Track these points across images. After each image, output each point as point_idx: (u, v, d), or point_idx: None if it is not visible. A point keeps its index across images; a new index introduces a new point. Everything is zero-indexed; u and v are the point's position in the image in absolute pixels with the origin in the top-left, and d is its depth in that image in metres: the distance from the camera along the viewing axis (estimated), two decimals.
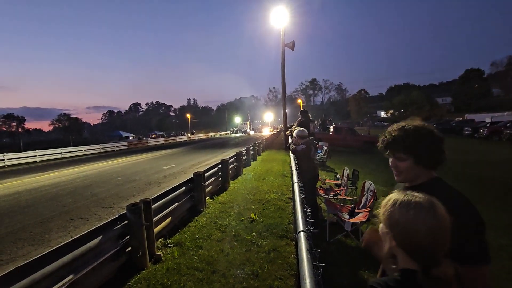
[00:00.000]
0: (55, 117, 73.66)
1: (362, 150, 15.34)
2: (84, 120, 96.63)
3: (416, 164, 1.13)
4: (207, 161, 12.98)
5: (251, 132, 58.13)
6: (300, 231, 1.42)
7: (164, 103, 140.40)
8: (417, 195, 0.84)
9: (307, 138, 4.47)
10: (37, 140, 53.73)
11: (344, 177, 6.20)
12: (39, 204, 6.45)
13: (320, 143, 12.00)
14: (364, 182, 4.40)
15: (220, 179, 6.97)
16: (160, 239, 3.92)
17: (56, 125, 73.24)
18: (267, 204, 5.42)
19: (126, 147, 27.95)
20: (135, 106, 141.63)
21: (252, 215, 4.78)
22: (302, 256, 1.14)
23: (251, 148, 12.34)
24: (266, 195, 6.12)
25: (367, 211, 3.82)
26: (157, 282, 2.91)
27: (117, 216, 3.10)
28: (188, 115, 78.22)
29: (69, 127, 69.22)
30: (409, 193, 0.87)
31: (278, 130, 44.28)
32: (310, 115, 9.20)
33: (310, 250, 1.22)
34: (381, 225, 0.91)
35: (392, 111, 61.30)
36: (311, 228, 1.64)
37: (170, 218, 4.26)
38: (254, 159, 12.53)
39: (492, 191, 6.31)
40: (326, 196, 5.21)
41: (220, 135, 58.42)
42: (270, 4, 17.01)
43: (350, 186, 5.89)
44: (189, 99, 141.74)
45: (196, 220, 4.71)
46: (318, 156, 10.32)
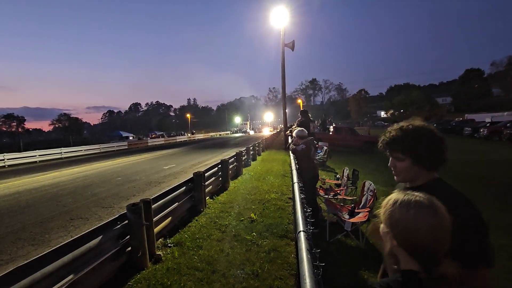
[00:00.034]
0: (55, 117, 73.71)
1: (362, 150, 15.34)
2: (84, 120, 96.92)
3: (415, 164, 1.12)
4: (207, 161, 12.98)
5: (251, 132, 58.11)
6: (300, 231, 1.42)
7: (164, 103, 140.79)
8: (417, 195, 0.84)
9: (307, 138, 4.48)
10: (37, 140, 53.78)
11: (344, 177, 6.20)
12: (39, 204, 6.45)
13: (320, 143, 12.00)
14: (364, 182, 4.40)
15: (220, 179, 6.97)
16: (160, 239, 3.93)
17: (56, 125, 73.23)
18: (267, 204, 5.42)
19: (126, 147, 27.96)
20: (135, 106, 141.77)
21: (252, 215, 4.78)
22: (302, 256, 1.14)
23: (251, 148, 12.34)
24: (266, 195, 6.12)
25: (367, 211, 3.82)
26: (157, 282, 2.91)
27: (117, 216, 3.11)
28: (188, 115, 78.20)
29: (69, 127, 69.22)
30: (409, 192, 0.87)
31: (278, 130, 44.27)
32: (310, 115, 9.20)
33: (310, 250, 1.22)
34: (382, 225, 0.91)
35: (392, 111, 61.36)
36: (311, 228, 1.64)
37: (170, 218, 4.26)
38: (254, 159, 12.52)
39: (492, 191, 6.31)
40: (326, 196, 5.21)
41: (220, 135, 58.42)
42: (270, 4, 17.05)
43: (350, 186, 5.90)
44: (189, 99, 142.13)
45: (196, 220, 4.71)
46: (318, 156, 10.33)
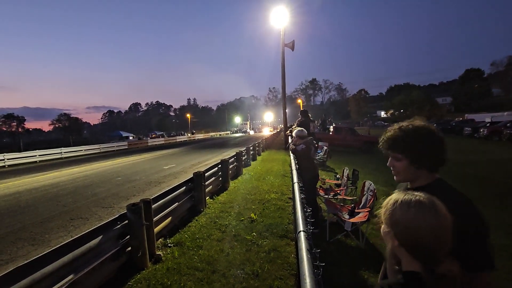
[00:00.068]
0: (55, 117, 73.85)
1: (362, 150, 15.36)
2: (84, 120, 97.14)
3: (412, 164, 1.11)
4: (207, 161, 12.98)
5: (251, 132, 58.13)
6: (300, 231, 1.42)
7: (164, 103, 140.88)
8: (417, 194, 0.85)
9: (307, 138, 4.48)
10: (37, 140, 53.86)
11: (344, 177, 6.20)
12: (39, 204, 6.45)
13: (320, 143, 12.01)
14: (364, 182, 4.40)
15: (220, 179, 6.97)
16: (160, 239, 3.93)
17: (56, 125, 73.29)
18: (267, 204, 5.42)
19: (126, 147, 27.94)
20: (135, 106, 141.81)
21: (252, 215, 4.78)
22: (302, 256, 1.14)
23: (251, 148, 12.34)
24: (266, 195, 6.12)
25: (367, 211, 3.82)
26: (157, 282, 2.91)
27: (117, 216, 3.10)
28: (188, 115, 78.23)
29: (69, 127, 69.29)
30: (409, 192, 0.87)
31: (278, 130, 44.26)
32: (310, 115, 9.19)
33: (310, 250, 1.22)
34: (383, 226, 0.91)
35: (392, 111, 61.46)
36: (311, 228, 1.64)
37: (170, 218, 4.26)
38: (254, 159, 12.52)
39: (492, 191, 6.31)
40: (326, 196, 5.21)
41: (220, 135, 58.41)
42: (270, 4, 17.05)
43: (350, 186, 5.90)
44: (189, 99, 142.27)
45: (196, 220, 4.71)
46: (318, 156, 10.33)
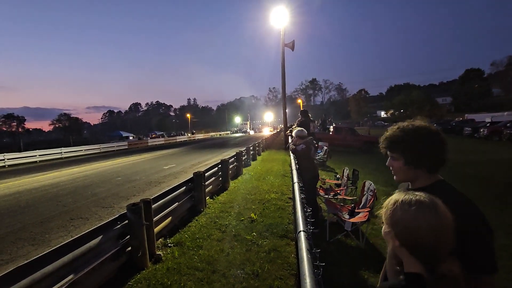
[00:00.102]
0: (55, 117, 73.97)
1: (362, 150, 15.36)
2: (84, 120, 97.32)
3: (407, 164, 1.11)
4: (207, 161, 12.98)
5: (251, 132, 58.14)
6: (300, 231, 1.42)
7: (164, 103, 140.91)
8: (418, 194, 0.85)
9: (307, 138, 4.48)
10: (37, 140, 53.89)
11: (344, 177, 6.20)
12: (39, 204, 6.45)
13: (320, 143, 12.01)
14: (364, 182, 4.40)
15: (220, 179, 6.97)
16: (160, 239, 3.93)
17: (56, 125, 73.36)
18: (267, 204, 5.42)
19: (126, 147, 27.95)
20: (135, 106, 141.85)
21: (252, 215, 4.78)
22: (302, 255, 1.14)
23: (251, 148, 12.35)
24: (266, 195, 6.12)
25: (367, 211, 3.82)
26: (157, 282, 2.91)
27: (117, 216, 3.11)
28: (188, 115, 78.22)
29: (69, 127, 69.35)
30: (410, 192, 0.87)
31: (278, 130, 44.27)
32: (310, 115, 9.19)
33: (310, 250, 1.22)
34: (384, 226, 0.91)
35: (392, 111, 61.46)
36: (311, 228, 1.64)
37: (170, 218, 4.27)
38: (254, 159, 12.52)
39: (492, 191, 6.31)
40: (326, 196, 5.21)
41: (220, 135, 58.41)
42: (270, 4, 17.06)
43: (350, 186, 5.90)
44: (189, 99, 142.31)
45: (196, 220, 4.71)
46: (318, 156, 10.33)
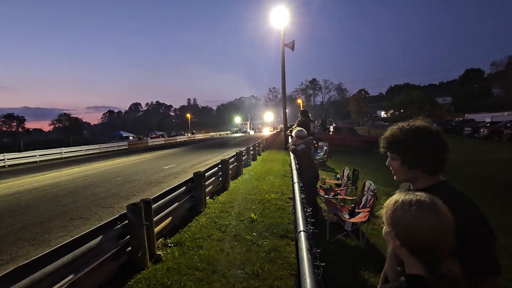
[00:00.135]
0: (55, 117, 73.97)
1: (362, 150, 15.36)
2: (84, 120, 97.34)
3: (403, 164, 1.11)
4: (207, 161, 12.98)
5: (251, 132, 58.15)
6: (300, 231, 1.42)
7: (164, 103, 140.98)
8: (418, 194, 0.85)
9: (307, 138, 4.48)
10: (37, 140, 53.90)
11: (344, 177, 6.20)
12: (39, 204, 6.45)
13: (320, 143, 12.01)
14: (364, 182, 4.40)
15: (220, 179, 6.97)
16: (160, 239, 3.93)
17: (56, 125, 73.36)
18: (267, 204, 5.42)
19: (126, 147, 27.95)
20: (135, 106, 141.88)
21: (252, 215, 4.78)
22: (303, 255, 1.14)
23: (251, 148, 12.35)
24: (266, 195, 6.12)
25: (367, 211, 3.82)
26: (158, 282, 2.91)
27: (117, 216, 3.11)
28: (188, 115, 78.23)
29: (69, 127, 69.36)
30: (410, 192, 0.87)
31: (278, 130, 44.27)
32: (310, 115, 9.19)
33: (310, 250, 1.21)
34: (384, 226, 0.91)
35: (392, 111, 61.50)
36: (311, 228, 1.64)
37: (170, 218, 4.26)
38: (254, 159, 12.52)
39: (492, 191, 6.31)
40: (326, 196, 5.21)
41: (220, 135, 58.42)
42: (270, 4, 17.07)
43: (350, 186, 5.90)
44: (189, 99, 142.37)
45: (196, 220, 4.71)
46: (318, 156, 10.33)
